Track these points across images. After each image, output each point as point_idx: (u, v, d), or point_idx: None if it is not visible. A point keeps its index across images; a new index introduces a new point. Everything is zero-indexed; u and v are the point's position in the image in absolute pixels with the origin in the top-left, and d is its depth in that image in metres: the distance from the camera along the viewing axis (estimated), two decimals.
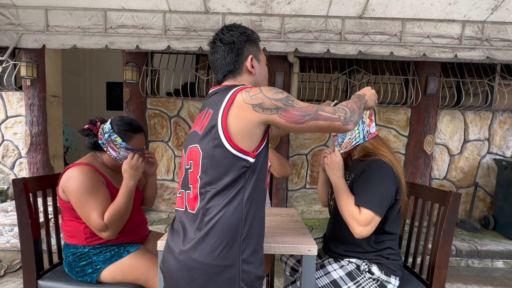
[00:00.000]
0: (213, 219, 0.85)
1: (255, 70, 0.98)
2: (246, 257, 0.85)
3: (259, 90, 0.86)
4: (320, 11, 2.62)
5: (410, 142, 3.36)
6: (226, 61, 0.95)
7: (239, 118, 0.85)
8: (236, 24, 0.99)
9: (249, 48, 0.97)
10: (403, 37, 2.68)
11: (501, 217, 3.15)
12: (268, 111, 0.84)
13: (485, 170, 3.42)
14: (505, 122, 3.38)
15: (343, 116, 0.86)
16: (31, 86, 3.14)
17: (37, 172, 3.21)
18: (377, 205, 1.03)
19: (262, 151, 0.89)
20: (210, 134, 0.87)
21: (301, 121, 0.84)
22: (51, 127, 3.33)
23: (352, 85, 3.36)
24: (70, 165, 1.21)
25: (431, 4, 2.50)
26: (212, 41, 0.99)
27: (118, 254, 1.22)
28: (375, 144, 1.16)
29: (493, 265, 2.72)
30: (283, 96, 0.85)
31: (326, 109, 0.86)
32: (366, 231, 1.03)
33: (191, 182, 0.90)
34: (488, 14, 2.58)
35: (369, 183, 1.07)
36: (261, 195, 0.91)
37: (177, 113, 3.43)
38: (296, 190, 3.49)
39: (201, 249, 0.83)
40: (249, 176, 0.86)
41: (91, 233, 1.20)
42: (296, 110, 0.84)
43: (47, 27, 2.68)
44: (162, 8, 2.65)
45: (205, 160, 0.87)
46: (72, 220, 1.22)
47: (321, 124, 0.85)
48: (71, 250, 1.23)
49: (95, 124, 1.25)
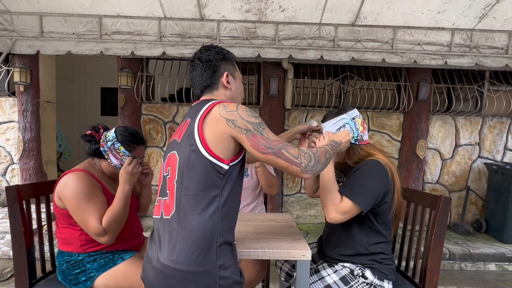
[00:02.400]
0: (189, 225, 0.86)
1: (231, 85, 1.05)
2: (222, 262, 0.87)
3: (235, 108, 0.90)
4: (314, 18, 2.67)
5: (403, 147, 3.41)
6: (203, 77, 1.03)
7: (213, 128, 0.89)
8: (213, 44, 1.08)
9: (225, 65, 1.04)
10: (395, 44, 2.74)
11: (493, 220, 3.20)
12: (238, 129, 0.88)
13: (476, 174, 3.48)
14: (495, 127, 3.45)
15: (305, 164, 0.88)
16: (25, 91, 3.12)
17: (30, 179, 3.18)
18: (360, 198, 1.06)
19: (238, 164, 0.93)
20: (187, 141, 0.91)
21: (263, 151, 0.87)
22: (44, 133, 3.30)
23: (345, 91, 3.41)
24: (66, 172, 1.20)
25: (421, 13, 2.57)
26: (192, 59, 1.06)
27: (112, 262, 1.21)
28: (369, 150, 1.17)
29: (485, 268, 2.76)
30: (255, 121, 0.90)
31: (291, 151, 0.88)
32: (340, 218, 1.07)
33: (168, 188, 0.93)
34: (476, 22, 2.65)
35: (359, 177, 1.09)
36: (236, 205, 0.95)
37: (172, 119, 3.44)
38: (291, 195, 3.51)
39: (177, 255, 0.85)
40: (224, 184, 0.89)
41: (86, 240, 1.20)
42: (263, 139, 0.88)
43: (42, 33, 2.68)
44: (158, 15, 2.68)
45: (181, 165, 0.90)
46: (67, 227, 1.21)
47: (280, 163, 0.88)
48: (65, 257, 1.22)
49: (98, 131, 1.25)
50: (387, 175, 1.10)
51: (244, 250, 1.03)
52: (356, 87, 3.37)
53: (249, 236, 1.17)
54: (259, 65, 3.40)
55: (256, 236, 1.19)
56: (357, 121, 1.18)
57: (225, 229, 0.90)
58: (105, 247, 1.22)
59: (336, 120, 1.18)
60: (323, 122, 1.23)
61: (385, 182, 1.09)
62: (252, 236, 1.18)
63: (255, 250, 1.04)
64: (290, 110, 3.40)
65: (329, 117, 1.21)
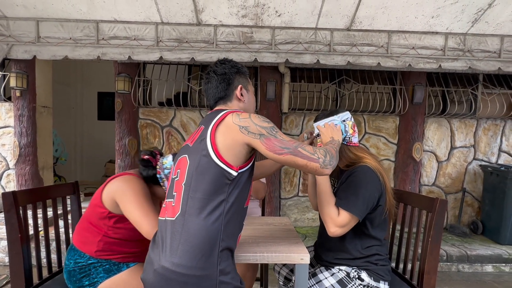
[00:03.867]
0: (193, 228, 0.87)
1: (244, 98, 1.09)
2: (223, 267, 0.87)
3: (248, 116, 0.94)
4: (310, 23, 2.70)
5: (399, 149, 3.44)
6: (218, 89, 1.07)
7: (226, 136, 0.91)
8: (228, 59, 1.11)
9: (239, 79, 1.09)
10: (390, 48, 2.78)
11: (489, 222, 3.22)
12: (252, 135, 0.90)
13: (472, 176, 3.51)
14: (489, 129, 3.50)
15: (322, 159, 0.89)
16: (21, 97, 3.11)
17: (26, 184, 3.15)
18: (356, 208, 1.07)
19: (246, 171, 0.94)
20: (199, 146, 0.93)
21: (279, 152, 0.89)
22: (41, 138, 3.28)
23: (342, 94, 3.44)
24: (122, 173, 1.19)
25: (415, 17, 2.61)
26: (207, 72, 1.10)
27: (117, 268, 1.21)
28: (358, 154, 1.19)
29: (482, 270, 2.77)
30: (268, 125, 0.93)
31: (307, 148, 0.90)
32: (340, 232, 1.08)
33: (176, 190, 0.94)
34: (469, 27, 2.70)
35: (353, 187, 1.10)
36: (241, 212, 0.95)
37: (170, 123, 3.44)
38: (289, 199, 3.51)
39: (179, 258, 0.85)
40: (231, 190, 0.90)
41: (103, 247, 1.19)
42: (277, 141, 0.90)
43: (38, 38, 2.68)
44: (155, 20, 2.69)
45: (191, 169, 0.92)
46: (92, 228, 1.19)
47: (298, 161, 0.89)
48: (76, 257, 1.20)
49: (155, 156, 1.25)
50: (378, 179, 1.11)
51: (242, 254, 1.03)
52: (352, 91, 3.40)
53: (247, 240, 1.18)
54: (256, 69, 3.42)
55: (255, 240, 1.19)
56: (347, 124, 1.19)
57: (228, 235, 0.90)
58: (115, 258, 1.22)
59: (327, 120, 1.20)
60: (315, 122, 1.25)
61: (378, 187, 1.11)
62: (250, 240, 1.18)
63: (253, 254, 1.04)
64: (287, 114, 3.42)
65: (321, 118, 1.23)
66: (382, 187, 1.12)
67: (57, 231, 1.42)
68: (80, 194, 1.60)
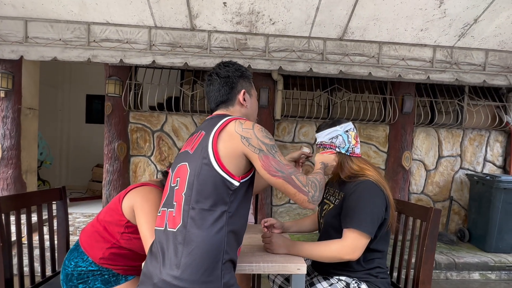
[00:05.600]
0: (195, 240, 0.83)
1: (247, 103, 1.06)
2: (227, 280, 0.85)
3: (251, 127, 0.91)
4: (303, 32, 2.74)
5: (389, 158, 3.49)
6: (220, 93, 1.04)
7: (227, 144, 0.89)
8: (232, 61, 1.08)
9: (243, 83, 1.05)
10: (380, 59, 2.84)
11: (475, 230, 3.29)
12: (252, 148, 0.88)
13: (458, 184, 3.60)
14: (475, 139, 3.60)
15: (312, 194, 0.90)
16: (5, 97, 3.00)
17: (7, 188, 3.02)
18: (368, 227, 1.05)
19: (247, 182, 0.92)
20: (200, 153, 0.89)
21: (273, 173, 0.88)
22: (25, 141, 3.16)
23: (333, 103, 3.48)
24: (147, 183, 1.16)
25: (405, 30, 2.69)
26: (209, 74, 1.06)
27: (115, 281, 1.17)
28: (360, 165, 1.18)
29: (470, 277, 2.82)
30: (269, 143, 0.91)
31: (300, 178, 0.90)
32: (357, 255, 1.05)
33: (176, 199, 0.90)
34: (455, 40, 2.80)
35: (360, 205, 1.08)
36: (243, 223, 0.93)
37: (161, 128, 3.38)
38: (280, 205, 3.49)
39: (182, 271, 0.81)
40: (233, 200, 0.88)
41: (108, 256, 1.15)
42: (274, 161, 0.89)
43: (26, 38, 2.61)
44: (148, 23, 2.66)
45: (191, 178, 0.88)
46: (103, 234, 1.15)
47: (289, 189, 0.89)
48: (78, 259, 1.15)
49: None
50: (383, 193, 1.11)
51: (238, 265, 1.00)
52: (344, 99, 3.44)
53: (242, 249, 1.15)
54: None
55: (250, 249, 1.17)
56: (350, 134, 1.20)
57: (231, 246, 0.88)
58: (117, 268, 1.17)
59: (330, 131, 1.20)
60: (317, 132, 1.25)
61: (383, 201, 1.11)
62: (245, 249, 1.15)
63: (249, 264, 1.01)
64: (280, 121, 3.43)
65: (323, 128, 1.23)
66: (387, 200, 1.12)
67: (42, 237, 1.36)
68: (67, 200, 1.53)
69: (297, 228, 1.46)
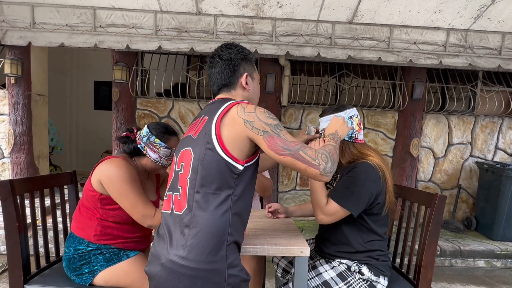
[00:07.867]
0: (201, 223, 0.86)
1: (249, 86, 1.04)
2: (231, 261, 0.87)
3: (253, 110, 0.90)
4: (311, 15, 2.67)
5: (397, 145, 3.45)
6: (222, 76, 1.02)
7: (230, 128, 0.89)
8: (234, 43, 1.05)
9: (245, 66, 1.03)
10: (391, 43, 2.76)
11: (483, 218, 3.27)
12: (256, 130, 0.88)
13: (467, 172, 3.55)
14: (487, 126, 3.52)
15: (323, 166, 0.88)
16: (16, 84, 3.05)
17: (21, 173, 3.11)
18: (345, 201, 1.09)
19: (252, 165, 0.93)
20: (203, 138, 0.90)
21: (280, 152, 0.87)
22: (36, 127, 3.23)
23: (342, 89, 3.42)
24: (109, 157, 1.23)
25: (418, 12, 2.59)
26: (211, 56, 1.05)
27: (117, 257, 1.21)
28: (362, 150, 1.18)
29: (475, 265, 2.83)
30: (273, 123, 0.90)
31: (309, 152, 0.88)
32: (327, 220, 1.13)
33: (180, 183, 0.92)
34: (471, 23, 2.68)
35: (348, 181, 1.12)
36: (247, 206, 0.95)
37: (168, 114, 3.40)
38: (286, 192, 3.52)
39: (188, 252, 0.84)
40: (237, 184, 0.89)
41: (101, 231, 1.20)
42: (280, 140, 0.88)
43: (34, 24, 2.62)
44: (154, 8, 2.63)
45: (196, 162, 0.89)
46: (88, 213, 1.21)
47: (298, 165, 0.87)
48: (75, 243, 1.21)
49: (132, 131, 1.30)
50: (378, 177, 1.11)
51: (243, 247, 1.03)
52: (352, 85, 3.38)
53: (247, 233, 1.18)
54: (256, 61, 3.38)
55: (254, 232, 1.19)
56: (354, 120, 1.18)
57: (236, 228, 0.90)
58: (114, 243, 1.22)
59: (333, 116, 1.18)
60: (321, 116, 1.24)
61: (377, 184, 1.11)
62: (250, 233, 1.18)
63: (253, 246, 1.04)
64: (286, 107, 3.40)
65: (326, 113, 1.22)
66: (382, 185, 1.12)
67: (55, 220, 1.41)
68: (77, 184, 1.58)
69: (301, 213, 1.48)
